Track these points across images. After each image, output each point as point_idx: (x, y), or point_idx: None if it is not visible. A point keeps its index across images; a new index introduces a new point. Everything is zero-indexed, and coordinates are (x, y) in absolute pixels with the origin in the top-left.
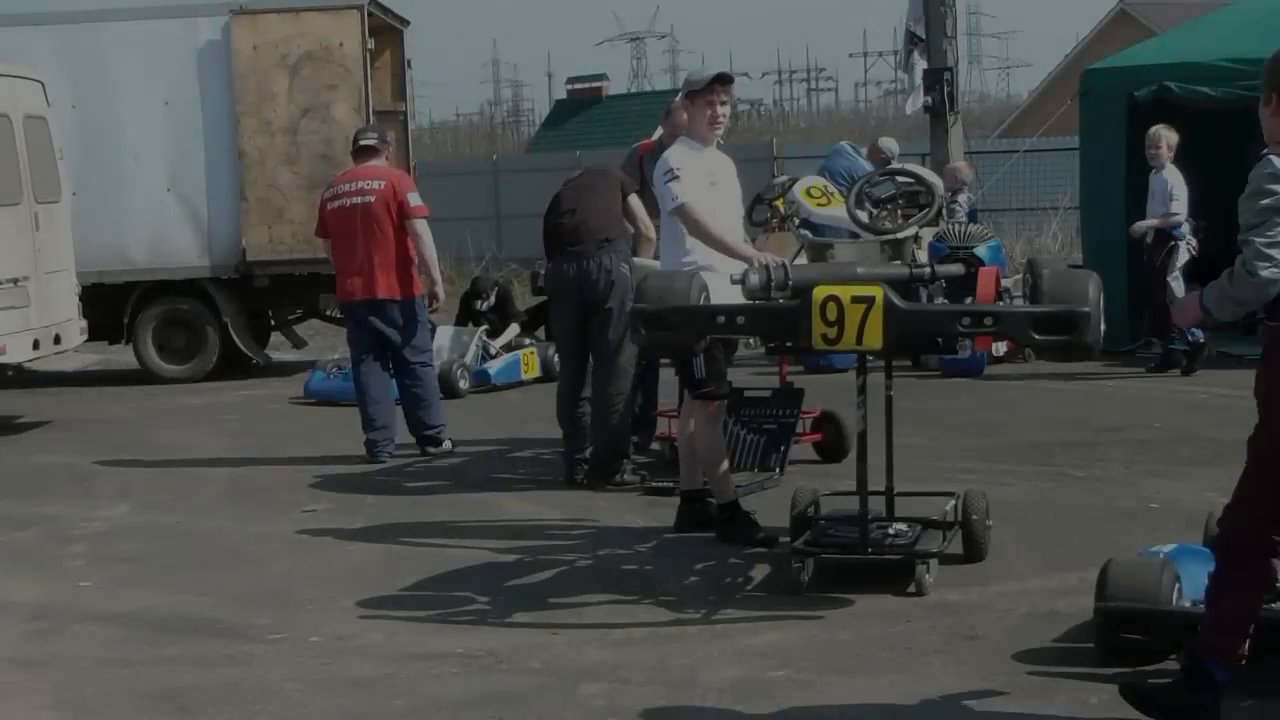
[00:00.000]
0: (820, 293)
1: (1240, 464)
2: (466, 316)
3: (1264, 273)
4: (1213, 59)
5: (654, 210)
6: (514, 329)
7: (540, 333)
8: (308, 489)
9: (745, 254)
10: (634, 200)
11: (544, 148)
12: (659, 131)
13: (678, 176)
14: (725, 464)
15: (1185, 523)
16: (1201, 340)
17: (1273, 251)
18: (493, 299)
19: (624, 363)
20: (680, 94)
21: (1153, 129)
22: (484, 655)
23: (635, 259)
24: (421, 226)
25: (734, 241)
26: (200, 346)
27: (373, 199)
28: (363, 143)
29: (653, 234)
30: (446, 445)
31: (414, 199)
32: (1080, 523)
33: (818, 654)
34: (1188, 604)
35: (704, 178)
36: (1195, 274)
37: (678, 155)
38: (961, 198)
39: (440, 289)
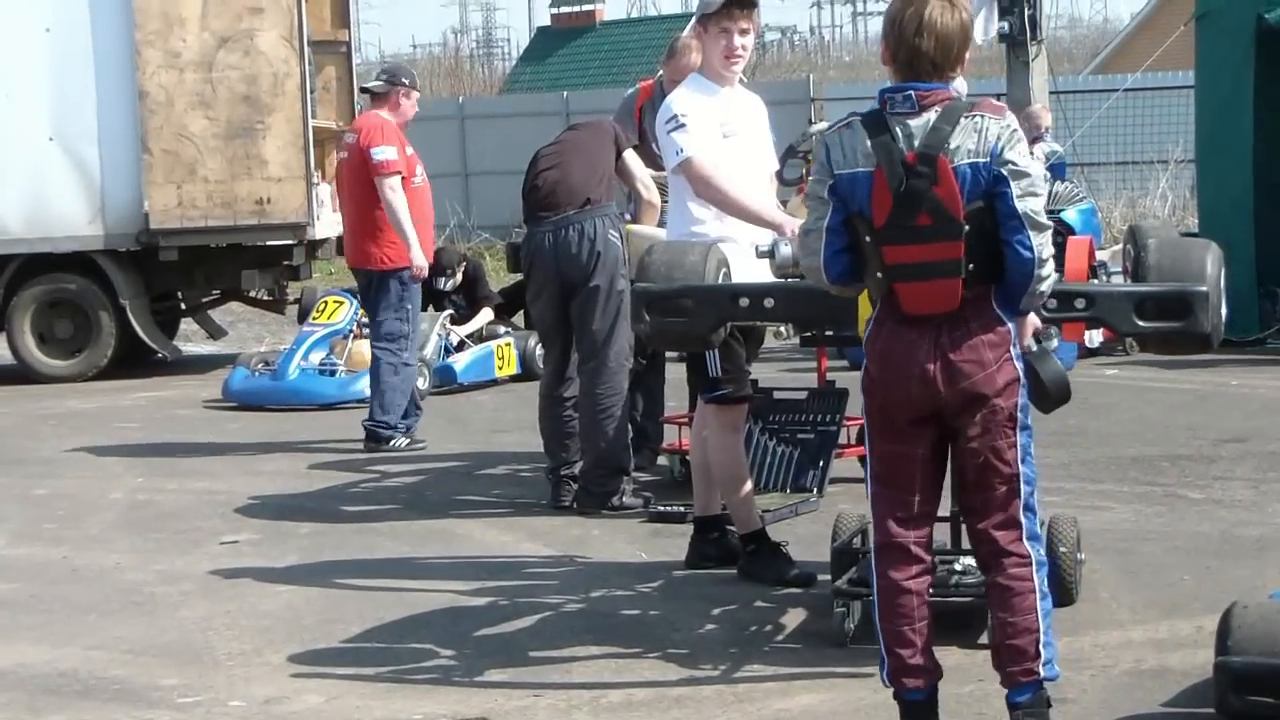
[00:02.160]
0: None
1: None
2: (427, 299)
3: None
4: None
5: (657, 166)
6: (485, 315)
7: (519, 319)
8: (227, 515)
9: (774, 220)
10: (630, 155)
11: (522, 87)
12: (659, 71)
13: (683, 125)
14: (748, 485)
15: None
16: None
17: None
18: (459, 277)
19: (615, 356)
20: (691, 22)
21: None
22: None
23: (634, 227)
24: (388, 185)
25: (759, 205)
26: (91, 336)
27: (347, 154)
28: (365, 86)
29: (655, 196)
30: (398, 443)
31: (378, 154)
32: (1196, 557)
33: (866, 718)
34: None
35: (716, 127)
36: None
37: (683, 99)
38: (1040, 148)
39: (418, 255)
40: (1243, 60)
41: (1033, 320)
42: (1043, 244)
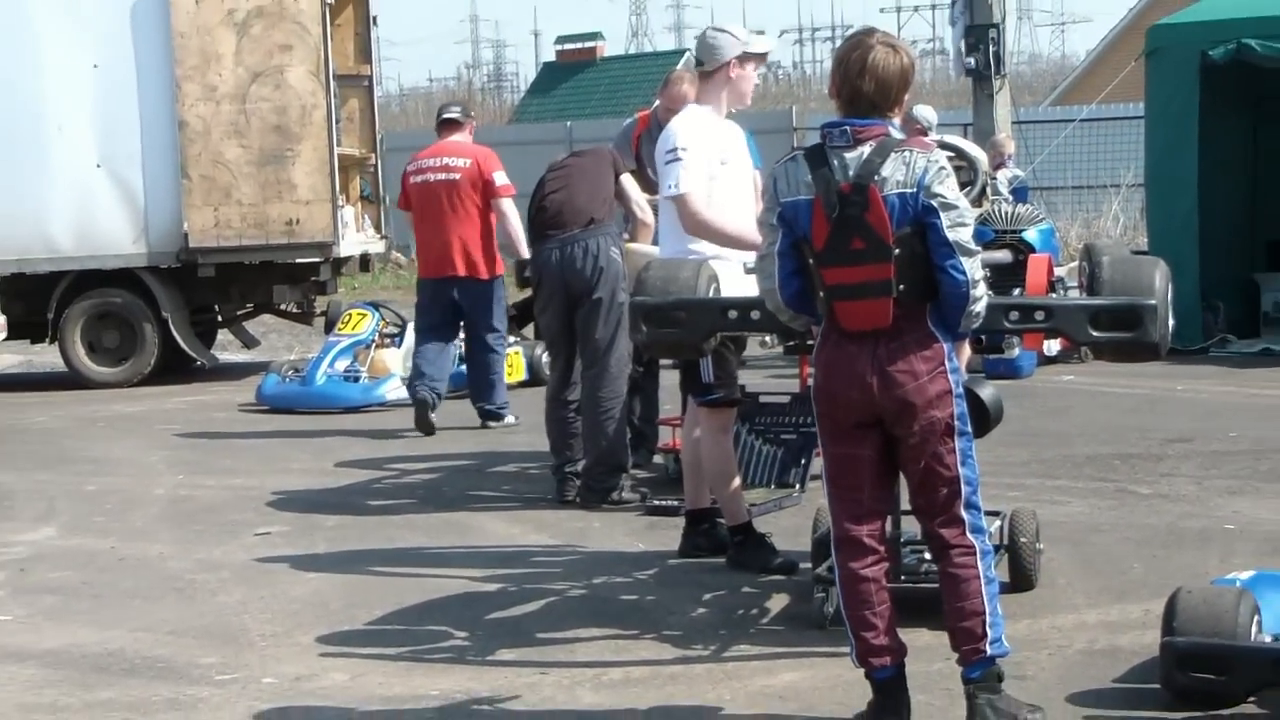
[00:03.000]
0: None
1: None
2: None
3: None
4: None
5: (652, 190)
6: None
7: (529, 331)
8: (260, 509)
9: (757, 243)
10: (627, 180)
11: (530, 117)
12: (655, 102)
13: (680, 159)
14: (736, 481)
15: (1265, 547)
16: None
17: None
18: None
19: (616, 362)
20: (686, 57)
21: None
22: (462, 699)
23: (632, 245)
24: (508, 205)
25: (747, 230)
26: (136, 346)
27: (458, 176)
28: (445, 116)
29: (650, 217)
30: (509, 420)
31: (500, 178)
32: (1144, 546)
33: (843, 697)
34: (1268, 639)
35: (715, 157)
36: None
37: (686, 131)
38: (1003, 174)
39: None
40: (1188, 93)
41: (967, 350)
42: (973, 268)
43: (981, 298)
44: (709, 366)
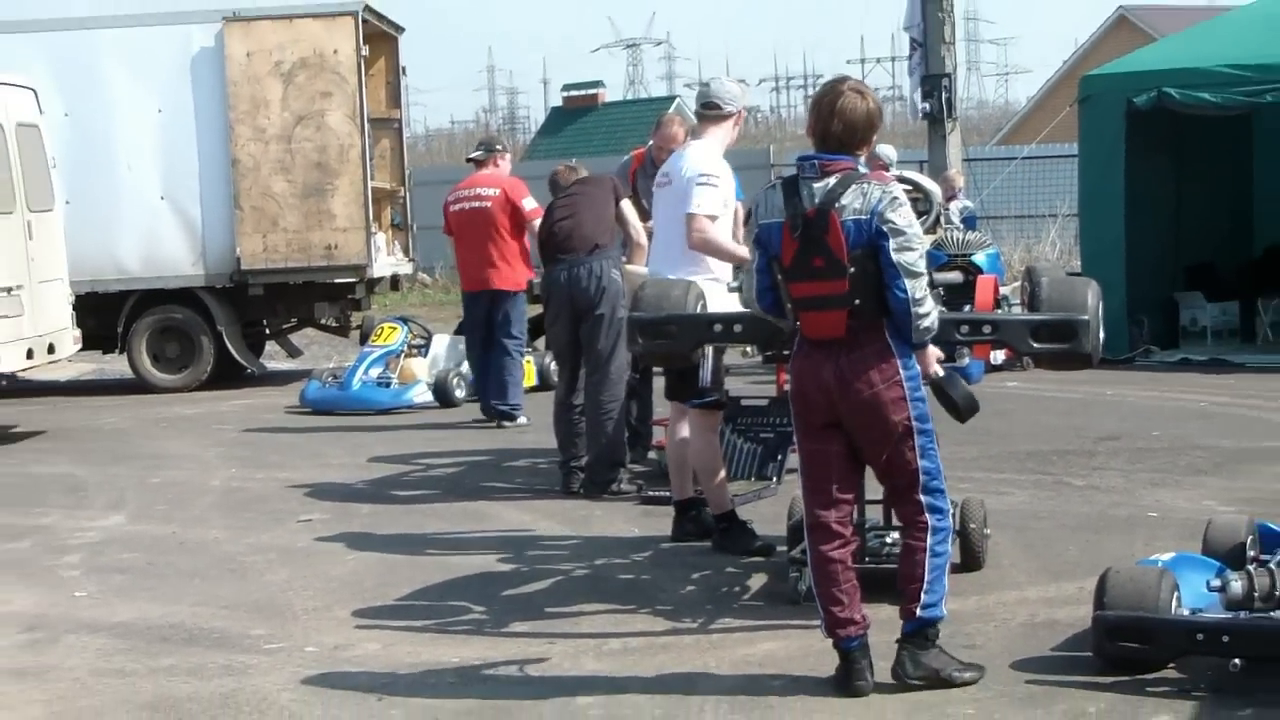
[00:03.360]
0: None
1: (1240, 474)
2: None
3: None
4: (1213, 64)
5: (645, 217)
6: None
7: (540, 343)
8: (303, 498)
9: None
10: (627, 205)
11: (540, 156)
12: (651, 141)
13: (714, 185)
14: (721, 473)
15: (1184, 532)
16: None
17: None
18: None
19: (616, 370)
20: (676, 103)
21: None
22: (480, 666)
23: (630, 267)
24: (538, 227)
25: (735, 248)
26: (195, 356)
27: (489, 204)
28: (470, 157)
29: (644, 240)
30: (521, 421)
31: (528, 204)
32: (1078, 532)
33: (815, 664)
34: (1186, 612)
35: (731, 188)
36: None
37: (717, 162)
38: (955, 205)
39: None
40: (1116, 135)
41: (934, 352)
42: (915, 288)
43: (927, 313)
44: (708, 372)
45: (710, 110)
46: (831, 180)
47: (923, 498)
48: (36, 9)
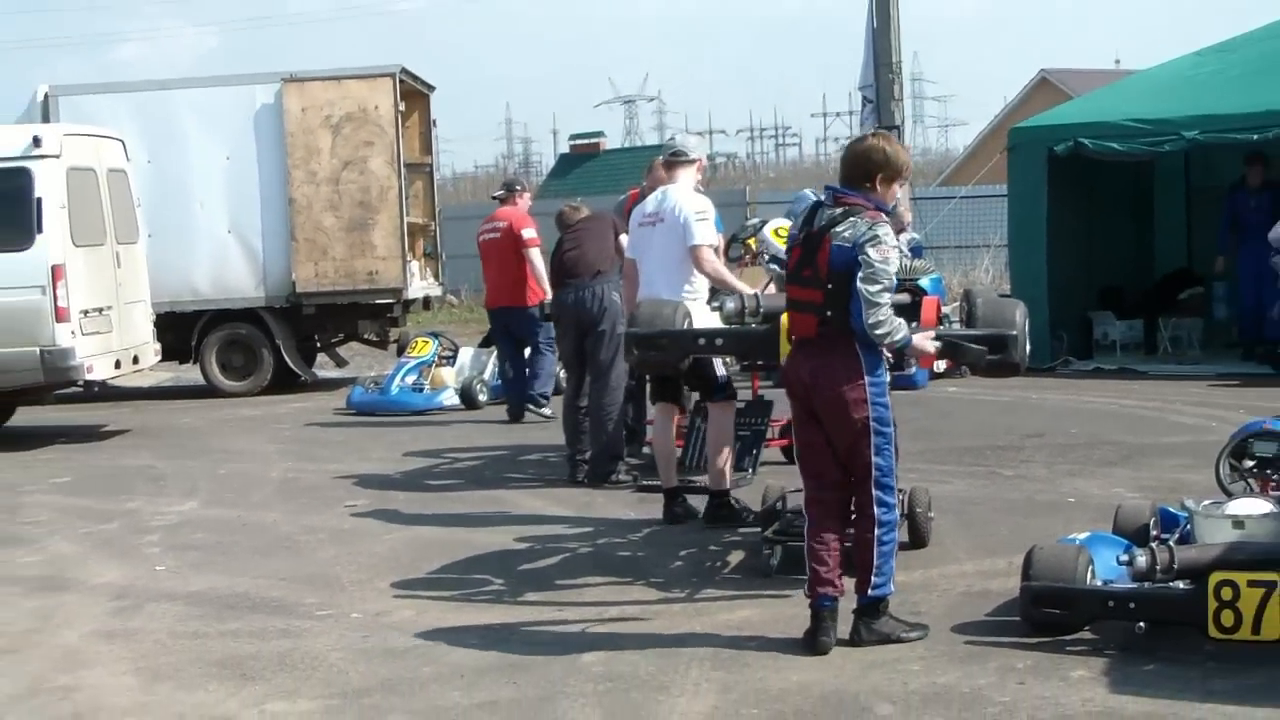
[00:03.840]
0: (786, 319)
1: (1144, 465)
2: (492, 340)
3: None
4: (1119, 119)
5: None
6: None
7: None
8: (349, 487)
9: (736, 286)
10: (624, 238)
11: (550, 195)
12: (643, 183)
13: (707, 219)
14: (727, 451)
15: (1097, 514)
16: None
17: None
18: None
19: (615, 377)
20: (671, 155)
21: None
22: (499, 629)
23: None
24: (533, 253)
25: (727, 275)
26: (257, 365)
27: (500, 234)
28: (494, 195)
29: None
30: (546, 412)
31: (526, 234)
32: (1009, 515)
33: (785, 627)
34: (1099, 583)
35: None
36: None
37: (704, 202)
38: (904, 237)
39: (548, 294)
40: (1039, 178)
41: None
42: (872, 314)
43: (885, 332)
44: (722, 370)
45: (678, 158)
46: (838, 210)
47: (874, 491)
48: (127, 74)
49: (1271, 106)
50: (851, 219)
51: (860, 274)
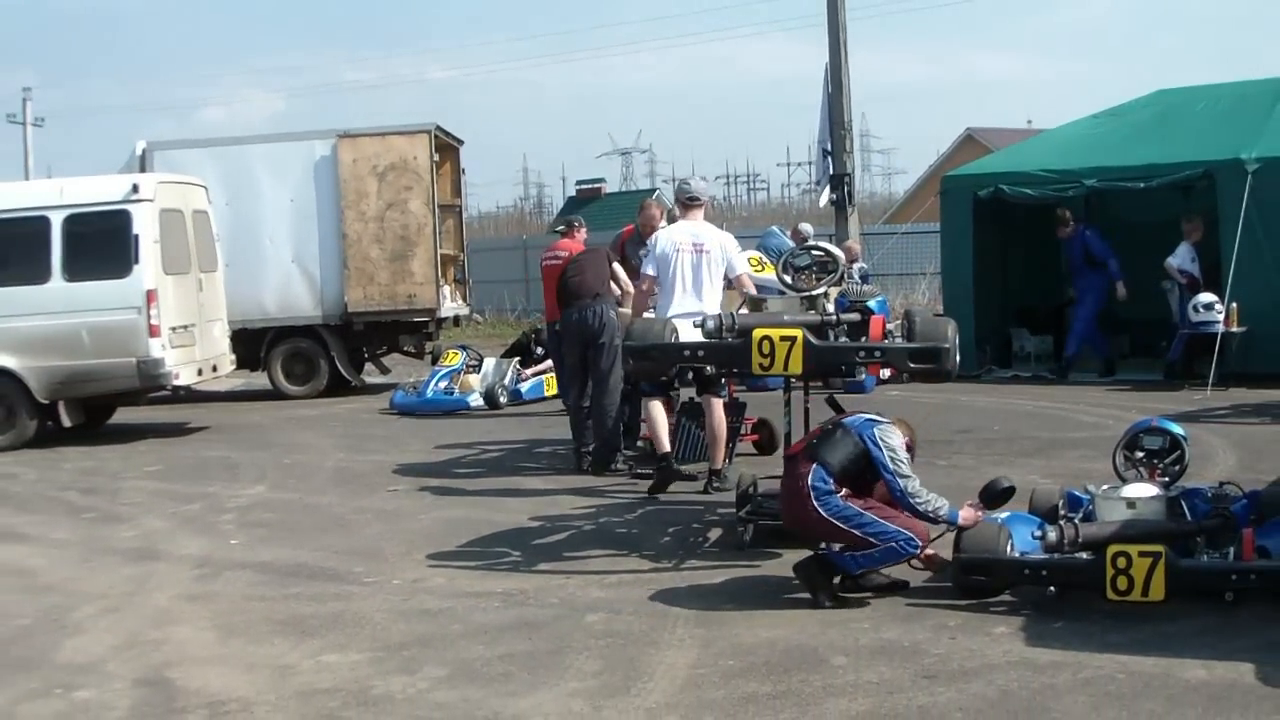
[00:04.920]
0: (758, 333)
1: (1054, 456)
2: (519, 352)
3: None
4: (1032, 169)
5: (631, 274)
6: (547, 362)
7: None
8: (391, 474)
9: (758, 297)
10: (617, 267)
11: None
12: (638, 220)
13: (742, 251)
14: (724, 439)
15: (1016, 497)
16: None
17: None
18: (538, 349)
19: (614, 383)
20: (657, 193)
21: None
22: (517, 594)
23: (622, 309)
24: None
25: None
26: (315, 373)
27: (559, 262)
28: (554, 229)
29: (631, 289)
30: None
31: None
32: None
33: (756, 591)
34: (1017, 554)
35: None
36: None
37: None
38: (855, 266)
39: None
40: (966, 217)
41: None
42: None
43: None
44: (717, 372)
45: (694, 201)
46: None
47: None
48: (210, 132)
49: (1154, 160)
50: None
51: None
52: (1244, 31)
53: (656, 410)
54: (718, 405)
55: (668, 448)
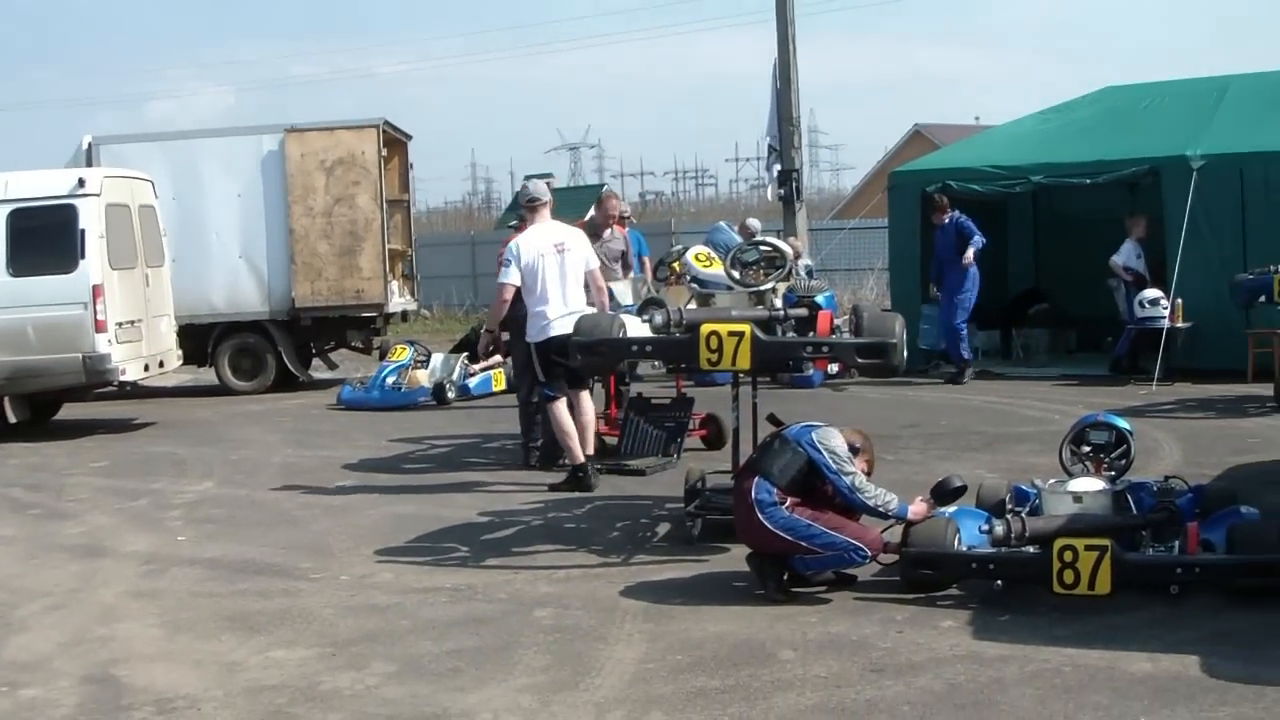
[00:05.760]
0: (706, 329)
1: (1002, 451)
2: (467, 347)
3: None
4: (979, 165)
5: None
6: (496, 357)
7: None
8: (339, 469)
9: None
10: None
11: (508, 226)
12: (591, 213)
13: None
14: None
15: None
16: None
17: None
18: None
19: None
20: (528, 201)
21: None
22: (465, 589)
23: None
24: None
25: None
26: (262, 368)
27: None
28: (509, 224)
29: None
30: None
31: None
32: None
33: (704, 586)
34: (965, 548)
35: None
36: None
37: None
38: (802, 262)
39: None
40: (913, 213)
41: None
42: None
43: None
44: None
45: (536, 203)
46: None
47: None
48: (158, 126)
49: (1101, 156)
50: None
51: None
52: (1191, 30)
53: (562, 415)
54: (586, 399)
55: (581, 459)
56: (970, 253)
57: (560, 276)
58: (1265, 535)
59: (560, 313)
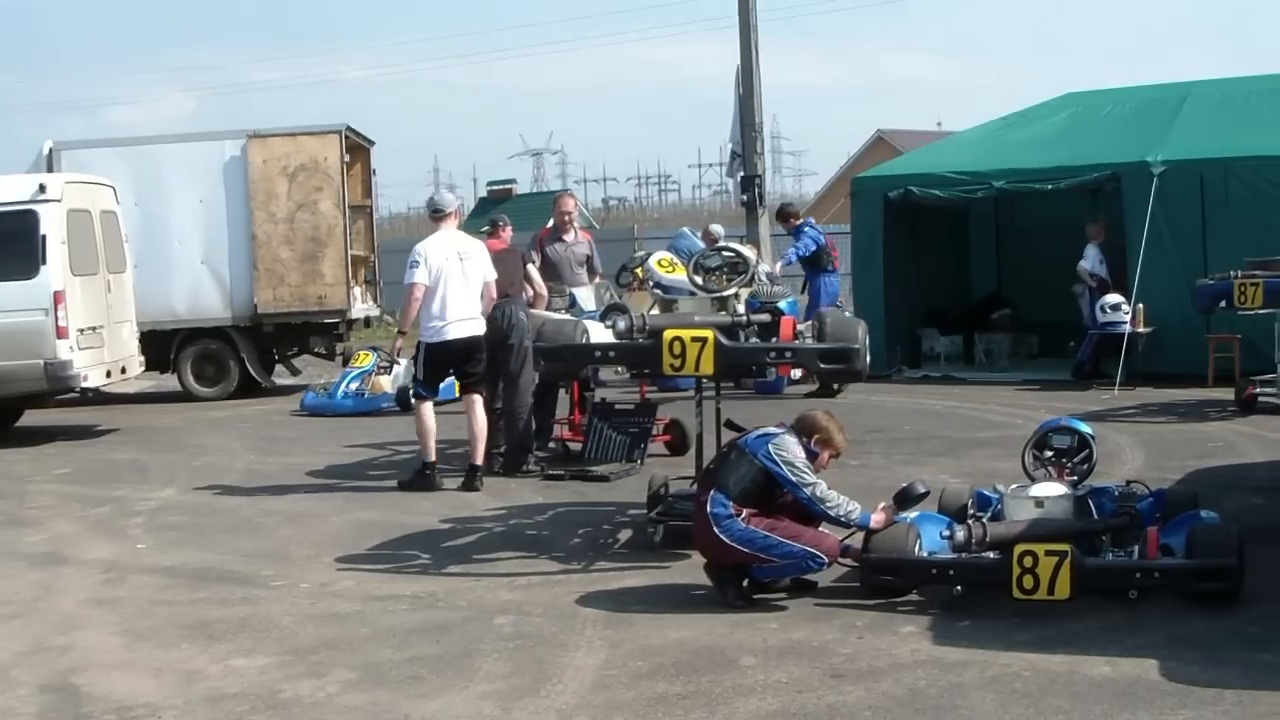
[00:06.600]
0: (669, 334)
1: (964, 455)
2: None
3: None
4: (942, 171)
5: (548, 276)
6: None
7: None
8: (302, 476)
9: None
10: (531, 269)
11: (470, 232)
12: (551, 221)
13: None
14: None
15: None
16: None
17: None
18: None
19: (524, 383)
20: (434, 211)
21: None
22: (426, 596)
23: (534, 310)
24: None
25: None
26: (225, 374)
27: None
28: (481, 229)
29: (545, 292)
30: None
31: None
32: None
33: (665, 593)
34: (925, 554)
35: None
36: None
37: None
38: (763, 267)
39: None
40: (876, 219)
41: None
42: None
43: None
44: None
45: (440, 213)
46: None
47: None
48: (119, 132)
49: (1063, 162)
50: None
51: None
52: (1152, 36)
53: (425, 414)
54: (478, 403)
55: (432, 457)
56: (779, 265)
57: (462, 283)
58: (1224, 539)
59: (458, 316)
